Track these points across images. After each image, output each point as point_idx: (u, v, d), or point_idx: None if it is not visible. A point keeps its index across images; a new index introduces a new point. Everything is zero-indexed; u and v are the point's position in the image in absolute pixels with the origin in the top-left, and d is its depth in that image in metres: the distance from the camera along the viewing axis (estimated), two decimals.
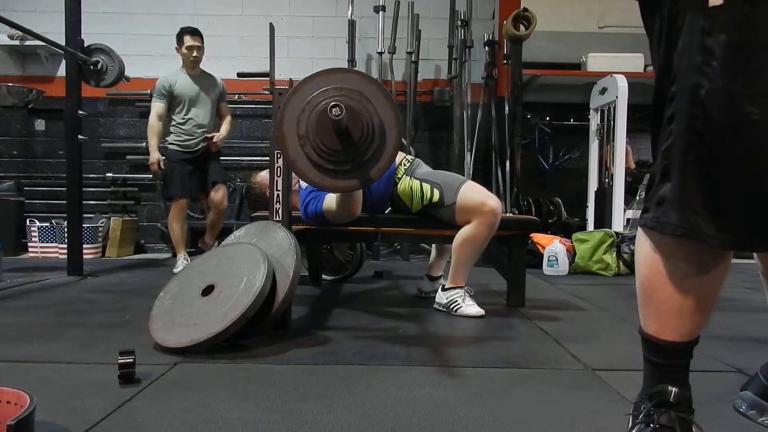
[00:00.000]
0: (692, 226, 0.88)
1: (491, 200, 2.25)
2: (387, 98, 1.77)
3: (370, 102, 1.73)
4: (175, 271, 3.37)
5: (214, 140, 3.61)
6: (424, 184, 2.34)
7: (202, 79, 3.65)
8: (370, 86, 1.76)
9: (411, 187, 2.36)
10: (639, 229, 0.99)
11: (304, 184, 2.37)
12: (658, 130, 0.94)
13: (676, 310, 0.95)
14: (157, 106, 3.54)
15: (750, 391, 1.10)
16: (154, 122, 3.52)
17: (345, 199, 2.10)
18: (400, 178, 2.40)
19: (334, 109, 1.61)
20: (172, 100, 3.56)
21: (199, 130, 3.59)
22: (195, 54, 3.54)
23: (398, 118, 1.78)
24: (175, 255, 3.84)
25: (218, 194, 3.65)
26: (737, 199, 0.85)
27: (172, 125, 3.61)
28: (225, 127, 3.75)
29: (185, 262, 3.54)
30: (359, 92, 1.72)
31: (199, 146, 3.60)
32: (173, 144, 3.59)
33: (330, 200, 2.20)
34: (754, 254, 1.05)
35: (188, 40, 3.52)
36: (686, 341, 0.97)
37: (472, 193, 2.28)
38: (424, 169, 2.46)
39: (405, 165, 2.44)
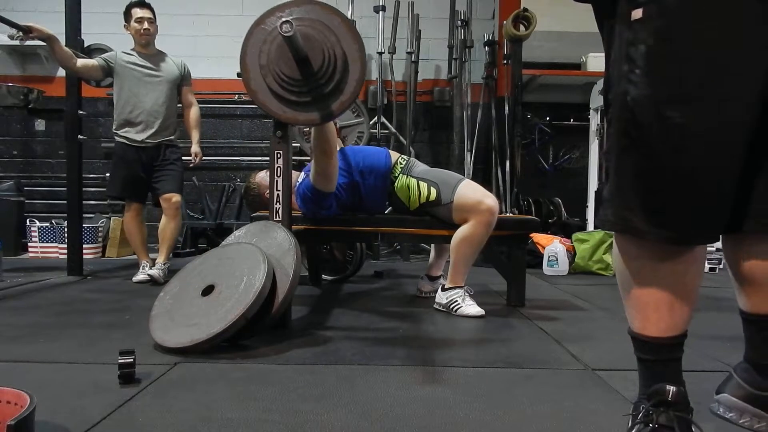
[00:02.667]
0: (627, 222, 0.94)
1: (488, 199, 2.25)
2: (350, 30, 1.76)
3: (333, 32, 1.72)
4: (134, 280, 3.07)
5: (195, 158, 3.27)
6: (421, 183, 2.35)
7: (155, 59, 3.17)
8: (333, 18, 1.75)
9: (408, 186, 2.37)
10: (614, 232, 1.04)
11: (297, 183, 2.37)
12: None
13: (653, 305, 0.97)
14: (91, 59, 3.10)
15: (727, 392, 1.09)
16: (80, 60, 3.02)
17: (317, 139, 2.01)
18: (396, 177, 2.40)
19: (284, 26, 1.57)
20: (111, 76, 3.12)
21: (150, 119, 3.11)
22: (146, 26, 3.09)
23: (362, 51, 1.76)
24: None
25: (170, 201, 3.14)
26: (666, 196, 0.91)
27: (116, 114, 3.13)
28: (195, 134, 3.31)
29: (145, 272, 3.10)
30: (321, 22, 1.72)
31: (151, 139, 3.12)
32: (120, 136, 3.12)
33: (313, 168, 2.17)
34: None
35: (137, 12, 3.09)
36: (670, 336, 0.98)
37: (469, 191, 2.28)
38: (420, 167, 2.47)
39: (401, 164, 2.44)
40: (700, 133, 0.87)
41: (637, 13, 0.89)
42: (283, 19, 1.58)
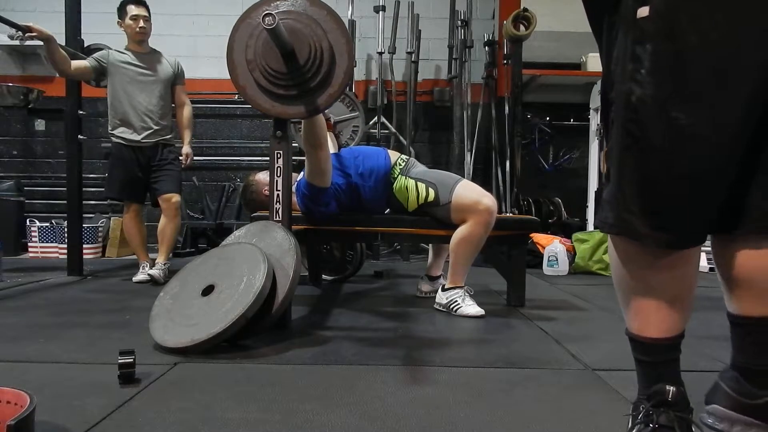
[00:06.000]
0: (627, 225, 0.92)
1: (486, 198, 2.25)
2: (337, 23, 1.76)
3: (319, 26, 1.72)
4: (134, 280, 3.08)
5: (186, 159, 3.22)
6: (419, 183, 2.35)
7: (149, 57, 3.13)
8: (319, 11, 1.75)
9: (406, 187, 2.37)
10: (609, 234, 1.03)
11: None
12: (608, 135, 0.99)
13: (654, 307, 0.97)
14: (82, 61, 3.06)
15: (716, 403, 1.08)
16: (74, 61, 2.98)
17: (307, 132, 2.01)
18: (395, 178, 2.41)
19: (266, 18, 1.56)
20: (105, 76, 3.08)
21: (145, 119, 3.07)
22: (142, 25, 3.04)
23: (349, 44, 1.77)
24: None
25: (169, 201, 3.13)
26: (668, 199, 0.90)
27: (111, 114, 3.09)
28: (187, 134, 3.26)
29: (145, 272, 3.10)
30: (307, 15, 1.72)
31: (148, 139, 3.09)
32: (117, 137, 3.08)
33: (306, 163, 2.17)
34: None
35: (132, 9, 3.04)
36: (670, 336, 0.98)
37: (467, 191, 2.28)
38: (419, 168, 2.47)
39: (400, 164, 2.44)
40: (705, 134, 0.86)
41: (644, 11, 0.87)
42: (266, 12, 1.58)
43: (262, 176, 2.65)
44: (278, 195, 1.99)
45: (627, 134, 0.91)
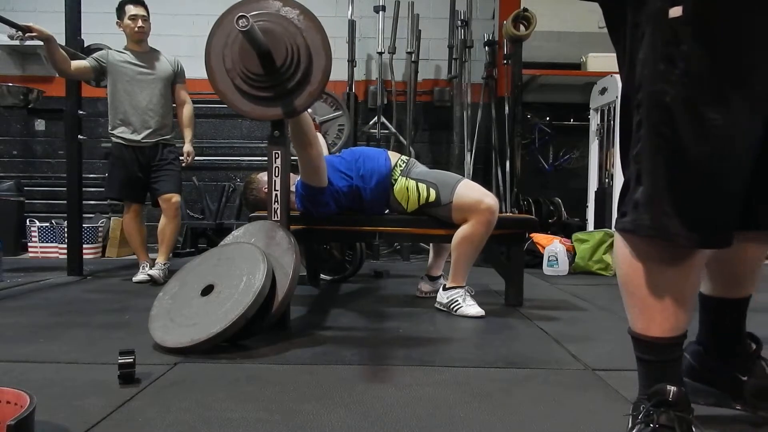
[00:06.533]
0: (663, 227, 0.91)
1: (487, 198, 2.25)
2: (312, 21, 1.76)
3: (294, 25, 1.72)
4: (134, 280, 3.08)
5: (187, 158, 3.23)
6: (420, 184, 2.35)
7: (149, 57, 3.13)
8: (293, 10, 1.75)
9: (407, 188, 2.37)
10: (616, 232, 1.03)
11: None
12: (628, 136, 0.98)
13: (660, 306, 0.98)
14: (82, 61, 3.05)
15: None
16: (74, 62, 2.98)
17: (295, 132, 2.02)
18: (396, 179, 2.40)
19: (240, 21, 1.57)
20: (105, 76, 3.08)
21: (145, 118, 3.07)
22: (140, 24, 3.04)
23: (325, 42, 1.76)
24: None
25: (169, 201, 3.12)
26: (702, 199, 0.90)
27: (111, 114, 3.09)
28: (188, 132, 3.26)
29: (145, 272, 3.10)
30: (281, 15, 1.72)
31: (148, 139, 3.08)
32: (116, 137, 3.08)
33: (299, 163, 2.19)
34: None
35: (131, 9, 3.04)
36: (673, 336, 0.98)
37: (469, 191, 2.28)
38: (419, 168, 2.47)
39: (401, 166, 2.44)
40: (738, 134, 0.86)
41: (676, 11, 0.86)
42: (239, 14, 1.58)
43: (264, 176, 2.65)
44: (276, 195, 1.99)
45: (659, 135, 0.90)
